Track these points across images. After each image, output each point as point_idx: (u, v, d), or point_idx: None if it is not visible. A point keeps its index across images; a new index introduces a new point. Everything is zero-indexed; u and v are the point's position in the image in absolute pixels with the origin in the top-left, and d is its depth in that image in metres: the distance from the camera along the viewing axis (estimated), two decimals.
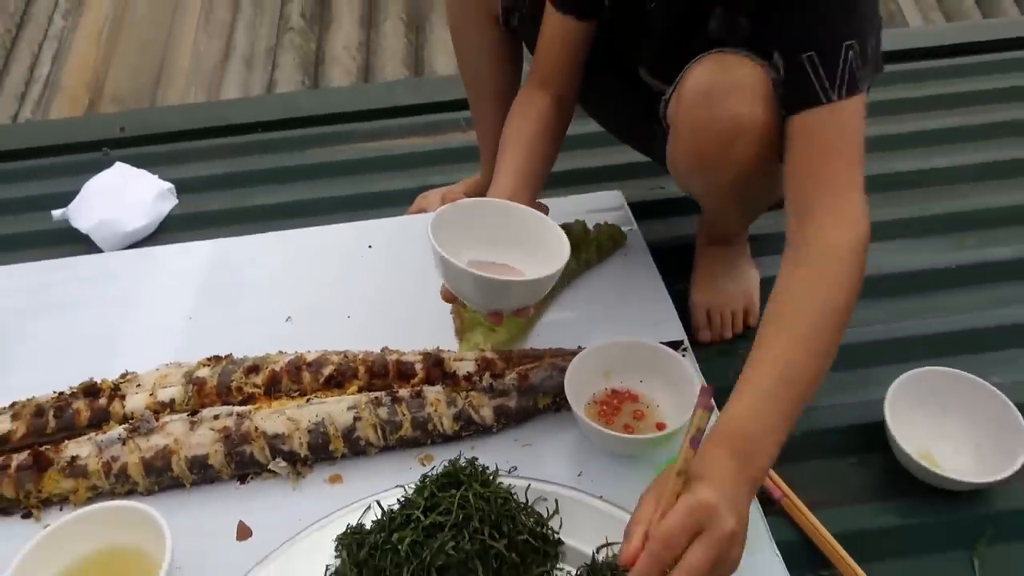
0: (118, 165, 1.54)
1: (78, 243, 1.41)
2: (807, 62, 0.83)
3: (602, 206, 1.31)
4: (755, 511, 0.85)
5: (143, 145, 1.68)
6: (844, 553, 0.85)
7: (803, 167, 0.84)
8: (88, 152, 1.67)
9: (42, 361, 1.09)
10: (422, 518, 0.78)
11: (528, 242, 0.93)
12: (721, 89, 0.87)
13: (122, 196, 1.45)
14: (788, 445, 0.95)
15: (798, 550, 0.86)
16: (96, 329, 1.14)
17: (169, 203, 1.48)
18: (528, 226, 0.94)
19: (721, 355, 1.11)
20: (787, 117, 0.86)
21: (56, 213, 1.46)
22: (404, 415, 0.91)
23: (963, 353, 1.09)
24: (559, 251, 0.90)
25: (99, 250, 1.39)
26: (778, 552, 0.82)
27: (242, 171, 1.59)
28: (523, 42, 1.20)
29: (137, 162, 1.56)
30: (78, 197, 1.47)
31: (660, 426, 0.92)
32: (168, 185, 1.50)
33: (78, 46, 3.03)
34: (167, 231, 1.44)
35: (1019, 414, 0.93)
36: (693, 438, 0.67)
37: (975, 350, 1.11)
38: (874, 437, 0.98)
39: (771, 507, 0.89)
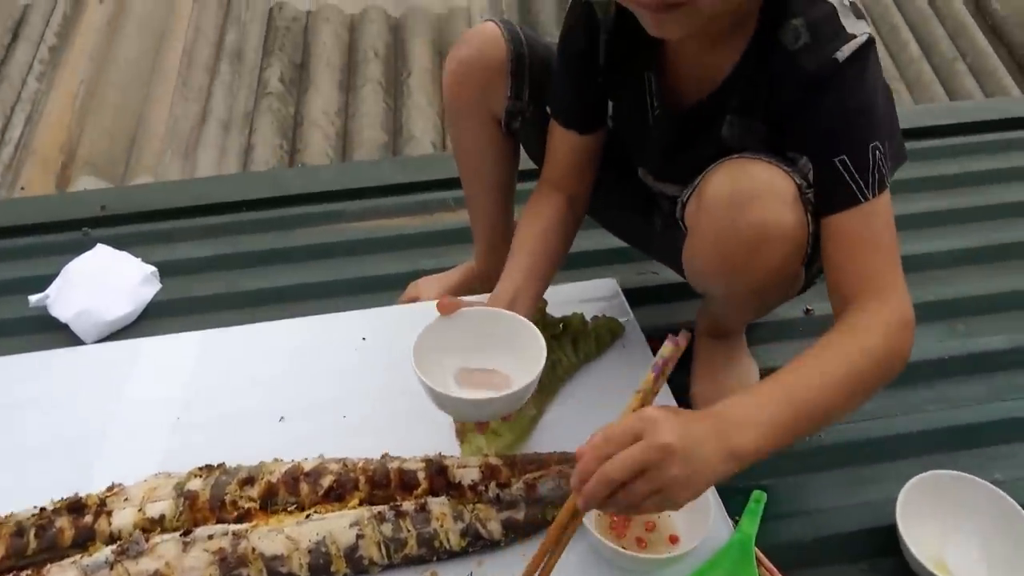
0: (99, 247, 1.50)
1: (56, 331, 1.36)
2: (840, 165, 0.85)
3: (597, 295, 1.30)
4: None
5: (125, 224, 1.65)
6: None
7: (845, 264, 0.86)
8: (67, 231, 1.63)
9: (16, 466, 1.04)
10: None
11: (512, 345, 0.97)
12: (746, 196, 0.86)
13: (104, 282, 1.40)
14: (800, 552, 0.95)
15: None
16: (77, 429, 1.10)
17: (153, 288, 1.45)
18: (511, 330, 0.98)
19: None
20: (822, 218, 0.88)
21: (33, 299, 1.41)
22: (409, 531, 0.88)
23: (964, 448, 1.09)
24: (537, 355, 0.94)
25: (78, 340, 1.35)
26: None
27: (227, 253, 1.55)
28: (523, 145, 1.21)
29: (119, 242, 1.52)
30: (57, 282, 1.42)
31: (673, 539, 0.90)
32: (151, 269, 1.47)
33: (52, 109, 3.00)
34: (150, 317, 1.40)
35: None
36: (656, 364, 0.74)
37: (976, 445, 1.11)
38: (884, 540, 0.96)
39: None
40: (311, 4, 3.43)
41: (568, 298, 1.25)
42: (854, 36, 0.84)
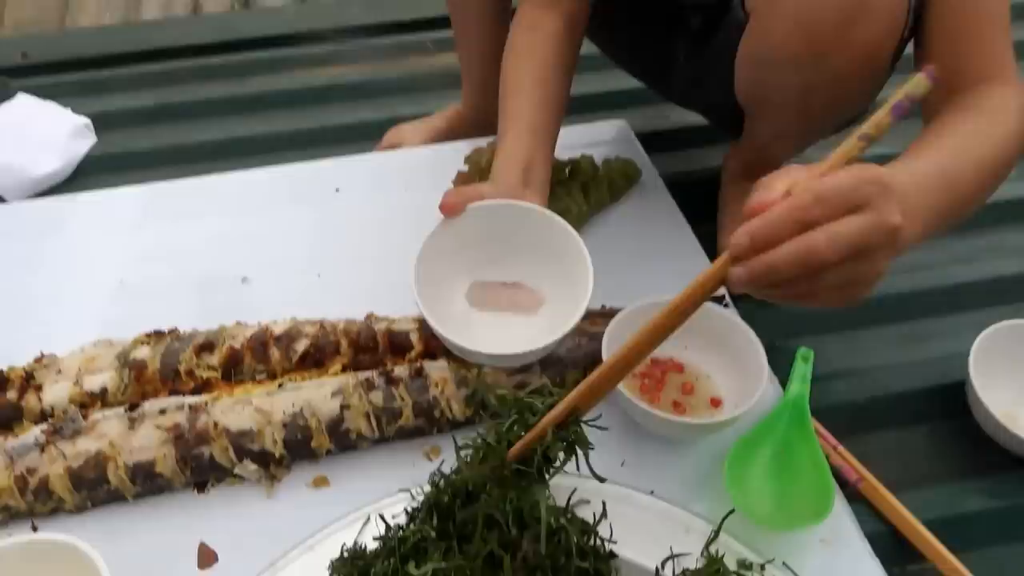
0: (21, 97, 1.29)
1: None
2: None
3: (605, 138, 1.13)
4: (840, 505, 0.71)
5: (51, 74, 1.43)
6: (938, 544, 0.72)
7: (954, 39, 0.72)
8: None
9: None
10: (443, 534, 0.62)
11: (539, 247, 0.78)
12: None
13: (28, 135, 1.21)
14: (855, 415, 0.83)
15: (884, 541, 0.72)
16: (6, 301, 0.92)
17: (86, 142, 1.25)
18: (535, 227, 0.78)
19: (761, 309, 0.94)
20: None
21: None
22: (403, 400, 0.74)
23: None
24: (581, 273, 0.74)
25: (1, 200, 1.16)
26: (872, 552, 0.68)
27: (171, 103, 1.35)
28: None
29: (44, 93, 1.31)
30: None
31: (715, 401, 0.76)
32: (84, 120, 1.26)
33: None
34: (85, 175, 1.21)
35: None
36: (899, 103, 0.49)
37: None
38: (952, 401, 0.84)
39: (847, 491, 0.75)
40: None
41: (574, 141, 1.06)
42: None
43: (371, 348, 0.79)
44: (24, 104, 1.28)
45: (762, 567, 0.63)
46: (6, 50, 1.49)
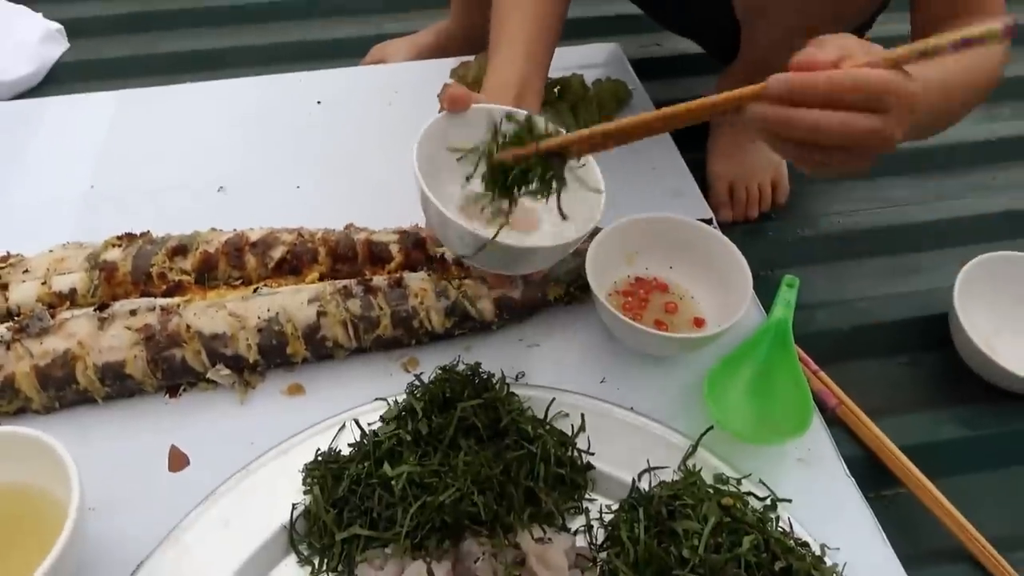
0: None
1: None
2: None
3: (597, 60, 1.10)
4: (818, 425, 0.71)
5: None
6: (916, 470, 0.72)
7: None
8: None
9: None
10: (419, 440, 0.61)
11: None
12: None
13: (3, 38, 1.16)
14: (837, 343, 0.83)
15: (859, 465, 0.72)
16: None
17: (59, 47, 1.20)
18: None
19: (747, 236, 0.93)
20: None
21: None
22: (382, 309, 0.72)
23: (1015, 238, 0.96)
24: (591, 191, 0.69)
25: None
26: (848, 473, 0.68)
27: (145, 11, 1.31)
28: None
29: None
30: None
31: (698, 321, 0.75)
32: (56, 26, 1.22)
33: None
34: (56, 82, 1.17)
35: None
36: (966, 39, 0.49)
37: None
38: (934, 332, 0.84)
39: (826, 415, 0.74)
40: None
41: (565, 62, 1.04)
42: None
43: (350, 258, 0.77)
44: None
45: (739, 481, 0.63)
46: None
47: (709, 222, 0.84)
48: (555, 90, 1.00)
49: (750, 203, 0.98)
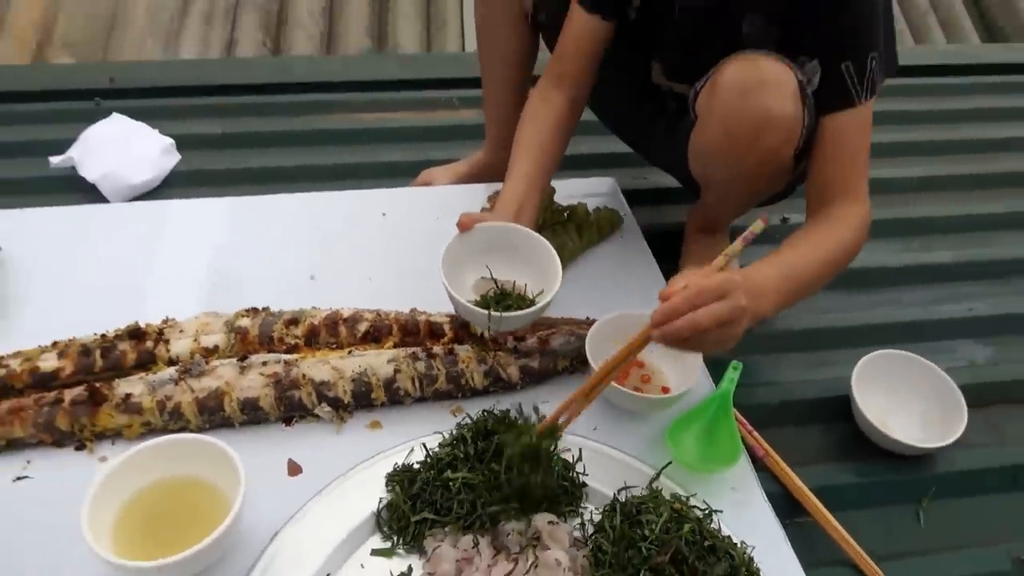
0: (116, 116, 1.56)
1: (80, 191, 1.43)
2: (845, 71, 0.99)
3: (597, 191, 1.42)
4: (746, 465, 0.99)
5: (134, 98, 1.70)
6: (818, 503, 0.99)
7: (831, 162, 1.02)
8: (79, 100, 1.68)
9: (68, 304, 1.13)
10: (467, 459, 0.89)
11: (526, 257, 1.06)
12: (755, 84, 0.99)
13: (127, 148, 1.47)
14: (769, 413, 1.11)
15: (780, 500, 1.00)
16: (116, 277, 1.18)
17: (173, 159, 1.51)
18: (528, 248, 1.07)
19: None
20: (821, 117, 1.02)
21: (54, 160, 1.47)
22: (439, 370, 1.01)
23: (910, 341, 1.25)
24: (553, 274, 1.03)
25: (103, 200, 1.42)
26: (767, 500, 0.96)
27: (240, 132, 1.63)
28: (543, 38, 1.29)
29: (130, 114, 1.57)
30: (79, 145, 1.48)
31: (665, 389, 1.04)
32: (170, 141, 1.53)
33: None
34: (171, 186, 1.47)
35: (959, 392, 1.09)
36: (745, 236, 0.85)
37: (920, 340, 1.27)
38: (839, 408, 1.13)
39: (756, 463, 1.03)
40: None
41: (572, 192, 1.36)
42: None
43: (415, 332, 1.06)
44: (120, 122, 1.55)
45: (687, 499, 0.90)
46: (98, 74, 1.75)
47: None
48: (565, 214, 1.31)
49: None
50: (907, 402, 1.12)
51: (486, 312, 0.98)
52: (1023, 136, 1.81)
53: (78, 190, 1.42)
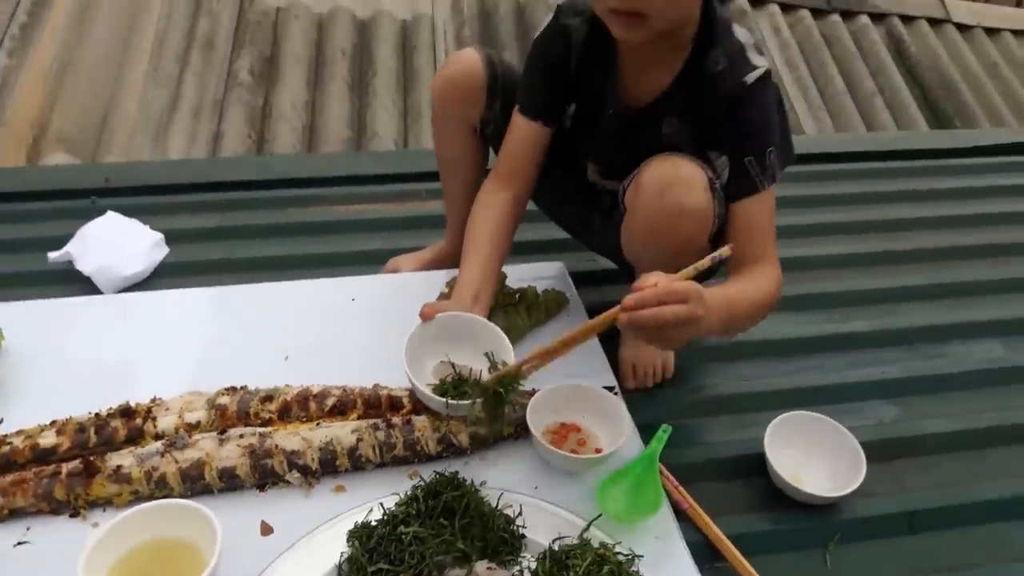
0: (111, 214, 1.71)
1: (75, 284, 1.57)
2: (747, 164, 1.18)
3: (547, 274, 1.58)
4: (669, 516, 1.12)
5: (128, 196, 1.86)
6: (734, 549, 1.12)
7: (744, 237, 1.19)
8: (76, 199, 1.83)
9: (64, 388, 1.26)
10: (419, 515, 1.01)
11: (483, 346, 1.20)
12: (671, 181, 1.16)
13: (120, 243, 1.62)
14: (692, 469, 1.24)
15: (700, 547, 1.12)
16: (109, 361, 1.31)
17: (162, 252, 1.66)
18: (482, 334, 1.22)
19: (643, 398, 1.38)
20: (731, 203, 1.20)
21: (52, 255, 1.61)
22: (398, 438, 1.14)
23: (827, 403, 1.39)
24: (506, 354, 1.18)
25: (98, 291, 1.56)
26: (686, 547, 1.08)
27: (225, 226, 1.78)
28: (492, 147, 1.47)
29: (123, 211, 1.73)
30: (77, 241, 1.63)
31: (598, 450, 1.17)
32: (159, 235, 1.68)
33: (23, 85, 3.09)
34: (160, 277, 1.62)
35: (859, 447, 1.23)
36: (714, 256, 1.00)
37: (836, 401, 1.42)
38: (757, 464, 1.26)
39: (680, 515, 1.15)
40: (281, 0, 3.61)
41: (523, 275, 1.52)
42: (757, 67, 1.18)
43: (377, 405, 1.20)
44: (113, 219, 1.70)
45: (614, 546, 1.03)
46: (93, 175, 1.92)
47: (612, 388, 1.29)
48: (516, 296, 1.46)
49: (646, 377, 1.42)
50: (814, 457, 1.25)
51: (442, 400, 1.13)
52: (936, 215, 2.00)
53: (74, 282, 1.56)
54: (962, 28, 4.58)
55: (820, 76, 4.04)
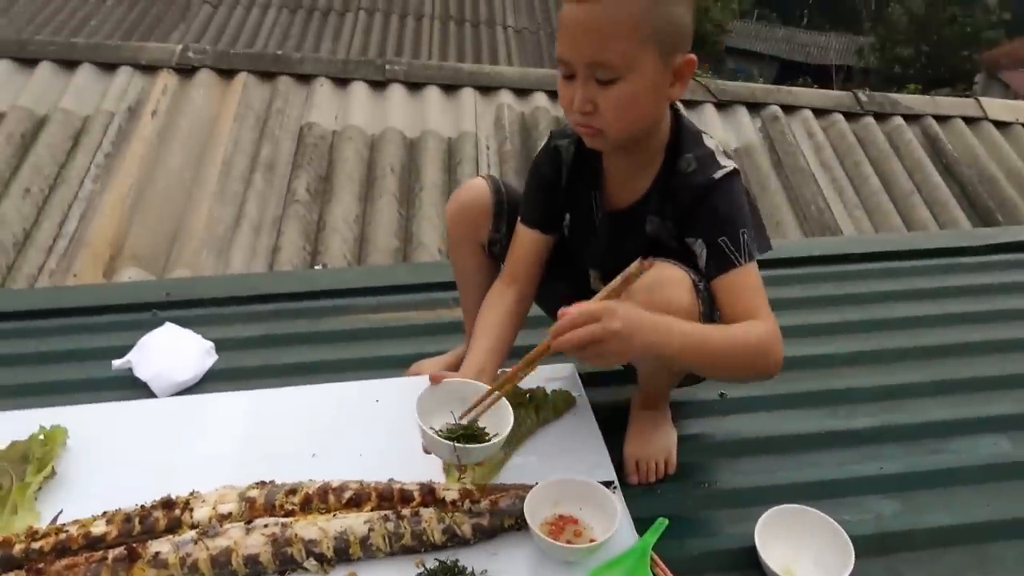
0: (168, 325, 1.90)
1: (136, 388, 1.74)
2: (722, 244, 1.29)
3: (558, 375, 1.69)
4: None
5: (185, 308, 2.05)
6: None
7: (730, 305, 1.29)
8: (139, 312, 2.04)
9: (117, 481, 1.40)
10: None
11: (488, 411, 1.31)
12: (660, 281, 1.27)
13: (175, 351, 1.80)
14: (688, 561, 1.31)
15: None
16: (157, 457, 1.46)
17: (211, 359, 1.83)
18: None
19: (645, 494, 1.46)
20: (712, 282, 1.30)
21: (116, 363, 1.80)
22: (405, 529, 1.24)
23: (825, 497, 1.44)
24: (506, 421, 1.29)
25: (153, 395, 1.73)
26: None
27: (269, 334, 1.95)
28: (500, 262, 1.62)
29: (181, 321, 1.92)
30: (137, 350, 1.82)
31: (592, 540, 1.25)
32: (210, 344, 1.86)
33: (104, 208, 3.42)
34: (210, 381, 1.78)
35: (848, 539, 1.28)
36: (625, 273, 1.15)
37: (834, 496, 1.46)
38: (751, 557, 1.32)
39: None
40: (337, 124, 3.93)
41: (535, 377, 1.60)
42: (725, 167, 1.32)
43: (389, 498, 1.31)
44: (170, 329, 1.89)
45: None
46: (156, 290, 2.13)
47: (609, 484, 1.37)
48: (526, 396, 1.57)
49: (649, 472, 1.49)
50: (806, 549, 1.30)
51: (450, 444, 1.23)
52: (946, 313, 2.05)
53: (134, 387, 1.74)
54: (999, 125, 4.64)
55: (855, 176, 4.14)
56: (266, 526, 1.23)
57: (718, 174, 1.31)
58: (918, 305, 2.07)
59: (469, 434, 1.28)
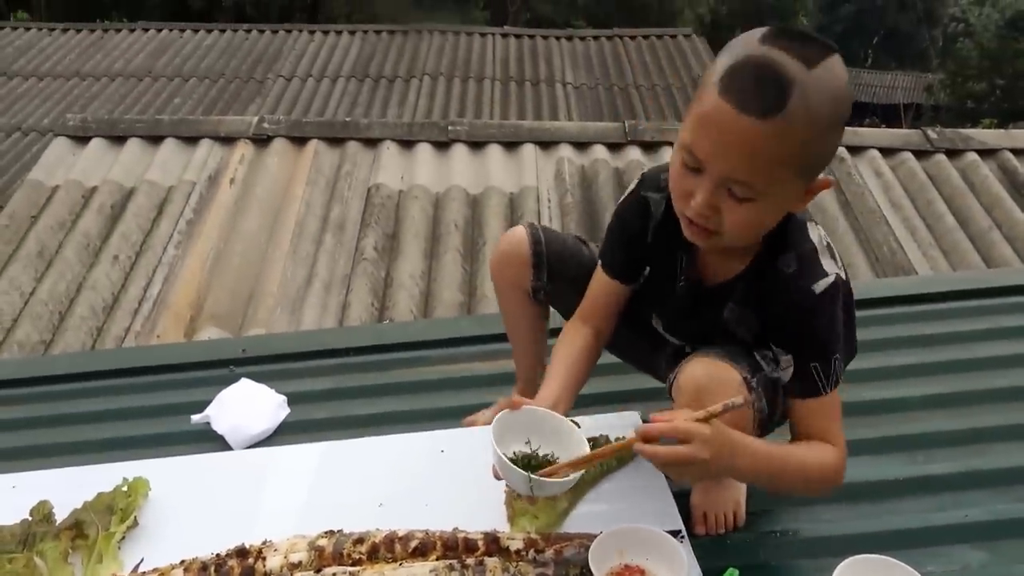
0: (244, 380, 1.97)
1: (212, 441, 1.81)
2: (813, 370, 1.26)
3: (623, 423, 1.67)
4: None
5: (260, 364, 2.13)
6: None
7: (805, 424, 1.29)
8: (217, 368, 2.12)
9: (197, 530, 1.45)
10: None
11: (560, 442, 1.33)
12: (708, 385, 1.23)
13: (249, 406, 1.86)
14: None
15: None
16: (233, 507, 1.51)
17: (284, 412, 1.89)
18: (561, 430, 1.34)
19: (714, 543, 1.42)
20: (793, 399, 1.29)
21: (194, 418, 1.87)
22: None
23: (906, 547, 1.38)
24: (580, 449, 1.30)
25: (229, 447, 1.79)
26: None
27: (338, 387, 2.00)
28: (548, 307, 1.64)
29: (256, 377, 1.99)
30: (214, 405, 1.88)
31: None
32: (283, 398, 1.92)
33: (186, 271, 3.59)
34: (281, 434, 1.84)
35: None
36: (725, 403, 1.14)
37: (918, 545, 1.40)
38: None
39: None
40: (403, 184, 4.05)
41: (598, 425, 1.62)
42: (827, 274, 1.24)
43: (454, 547, 1.32)
44: (245, 385, 1.96)
45: None
46: (233, 347, 2.22)
47: (676, 533, 1.35)
48: (591, 444, 1.57)
49: (717, 524, 1.45)
50: None
51: (526, 475, 1.23)
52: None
53: (211, 440, 1.81)
54: None
55: (928, 215, 4.02)
56: (335, 574, 1.26)
57: (819, 286, 1.24)
58: (1000, 344, 1.99)
59: (541, 463, 1.29)
